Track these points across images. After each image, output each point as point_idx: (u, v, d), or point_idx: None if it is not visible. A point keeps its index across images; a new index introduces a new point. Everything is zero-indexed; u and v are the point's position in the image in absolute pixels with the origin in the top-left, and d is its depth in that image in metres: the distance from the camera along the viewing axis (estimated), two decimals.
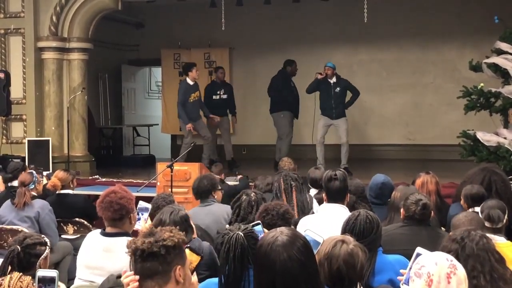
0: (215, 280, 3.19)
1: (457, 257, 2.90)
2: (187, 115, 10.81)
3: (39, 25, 11.46)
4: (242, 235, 3.01)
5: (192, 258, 2.87)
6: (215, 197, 5.76)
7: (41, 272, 2.57)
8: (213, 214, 5.46)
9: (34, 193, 6.57)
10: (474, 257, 2.96)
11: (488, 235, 3.18)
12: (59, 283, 2.59)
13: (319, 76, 10.53)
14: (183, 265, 2.54)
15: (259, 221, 3.82)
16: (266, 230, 3.76)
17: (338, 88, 10.58)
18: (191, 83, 10.97)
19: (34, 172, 6.95)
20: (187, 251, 2.65)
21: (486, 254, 2.97)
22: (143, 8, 14.11)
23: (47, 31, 11.47)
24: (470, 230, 3.07)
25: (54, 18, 11.45)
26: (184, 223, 3.94)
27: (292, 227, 4.44)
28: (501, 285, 2.90)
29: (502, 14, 9.79)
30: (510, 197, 5.95)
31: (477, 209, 5.11)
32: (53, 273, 2.61)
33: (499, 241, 4.09)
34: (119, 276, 2.82)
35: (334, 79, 10.59)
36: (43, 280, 2.57)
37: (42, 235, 4.03)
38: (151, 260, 2.47)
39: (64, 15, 11.55)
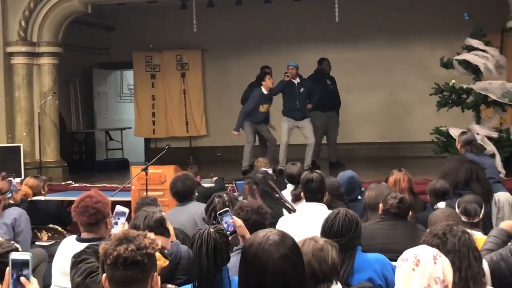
0: (189, 286, 3.17)
1: None
2: (252, 119, 10.50)
3: (7, 30, 11.31)
4: (213, 230, 3.02)
5: (160, 262, 2.83)
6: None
7: (14, 255, 2.47)
8: (189, 213, 5.43)
9: (11, 201, 6.48)
10: (454, 252, 2.96)
11: (467, 230, 3.20)
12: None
13: (286, 78, 10.46)
14: (156, 271, 2.51)
15: (227, 208, 3.80)
16: (235, 218, 3.74)
17: (302, 89, 10.52)
18: (265, 92, 10.55)
19: (13, 180, 6.85)
20: (156, 254, 2.61)
21: (467, 250, 2.97)
22: (113, 11, 14.00)
23: (16, 36, 11.31)
24: (451, 225, 3.07)
25: (23, 22, 11.30)
26: (159, 227, 3.88)
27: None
28: (471, 284, 2.90)
29: (472, 11, 9.88)
30: (489, 184, 6.05)
31: (440, 204, 5.17)
32: (26, 256, 2.52)
33: (476, 236, 4.10)
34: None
35: (298, 80, 10.54)
36: (16, 265, 2.48)
37: (12, 242, 3.94)
38: (133, 268, 2.41)
39: (33, 20, 11.40)
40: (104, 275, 2.46)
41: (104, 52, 14.91)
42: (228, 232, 3.69)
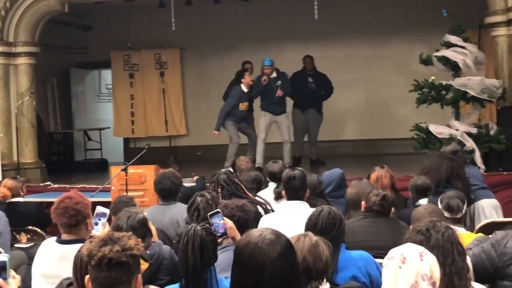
0: (176, 286, 3.12)
1: None
2: (233, 117, 10.48)
3: None
4: (200, 227, 2.98)
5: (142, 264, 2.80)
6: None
7: None
8: (172, 214, 5.36)
9: None
10: (438, 248, 2.96)
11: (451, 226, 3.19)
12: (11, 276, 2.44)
13: (264, 82, 10.40)
14: (139, 272, 2.48)
15: (218, 210, 3.76)
16: (226, 219, 3.71)
17: (279, 82, 10.50)
18: (245, 90, 10.52)
19: None
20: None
21: (451, 246, 2.97)
22: (90, 10, 13.86)
23: None
24: (435, 221, 3.06)
25: None
26: (142, 228, 3.84)
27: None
28: (455, 280, 2.89)
29: (450, 7, 9.92)
30: (468, 182, 6.08)
31: (422, 201, 5.18)
32: (3, 257, 2.46)
33: (459, 232, 4.10)
34: (69, 284, 2.73)
35: (274, 74, 10.51)
36: None
37: None
38: (117, 270, 2.39)
39: (9, 19, 11.25)
40: (87, 276, 2.42)
41: (82, 52, 14.78)
42: (218, 234, 3.65)
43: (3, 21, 11.18)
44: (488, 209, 6.27)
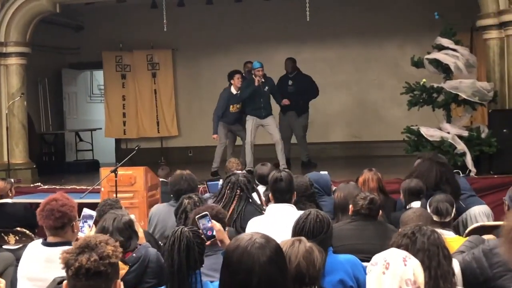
0: None
1: (408, 252, 2.90)
2: (225, 119, 10.48)
3: None
4: (187, 229, 2.96)
5: (120, 267, 2.76)
6: None
7: None
8: None
9: None
10: (424, 251, 2.95)
11: (437, 230, 3.18)
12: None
13: (257, 83, 10.28)
14: (118, 278, 2.44)
15: (206, 212, 3.73)
16: (214, 222, 3.68)
17: (266, 87, 10.41)
18: (234, 92, 10.49)
19: None
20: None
21: (436, 249, 2.96)
22: (82, 10, 13.81)
23: None
24: (420, 225, 3.05)
25: None
26: (128, 229, 3.81)
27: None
28: (441, 283, 2.88)
29: (443, 10, 9.93)
30: (457, 185, 6.07)
31: (414, 204, 5.16)
32: None
33: (447, 236, 4.10)
34: (61, 282, 2.70)
35: (261, 79, 10.39)
36: None
37: None
38: (95, 279, 2.33)
39: (0, 19, 11.20)
40: (65, 282, 2.38)
41: (74, 52, 14.72)
42: (206, 237, 3.62)
43: None
44: (480, 216, 6.25)
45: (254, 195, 5.83)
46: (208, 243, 3.60)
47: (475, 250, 3.65)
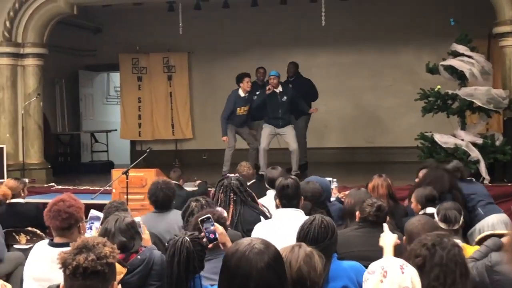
0: None
1: (424, 264, 2.85)
2: (232, 122, 10.41)
3: None
4: (188, 239, 2.94)
5: (119, 270, 2.77)
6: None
7: None
8: (168, 221, 5.34)
9: None
10: (441, 266, 2.86)
11: (459, 244, 3.09)
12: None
13: (268, 91, 10.20)
14: (115, 279, 2.44)
15: (209, 215, 3.73)
16: (217, 225, 3.68)
17: (285, 97, 10.27)
18: (242, 94, 10.39)
19: None
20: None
21: (454, 266, 2.86)
22: (100, 12, 13.92)
23: (0, 36, 11.20)
24: (442, 236, 2.97)
25: (7, 23, 11.19)
26: (130, 230, 3.81)
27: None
28: None
29: (460, 16, 9.88)
30: (461, 190, 6.04)
31: (429, 210, 5.13)
32: None
33: None
34: (58, 286, 2.71)
35: (280, 88, 10.28)
36: None
37: None
38: (92, 279, 2.35)
39: (18, 20, 11.29)
40: (62, 284, 2.39)
41: (91, 54, 14.83)
42: (209, 240, 3.62)
43: (11, 22, 11.22)
44: (499, 225, 6.18)
45: (265, 199, 5.86)
46: (210, 246, 3.60)
47: (479, 263, 3.60)
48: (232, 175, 5.52)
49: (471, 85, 9.01)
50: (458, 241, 4.30)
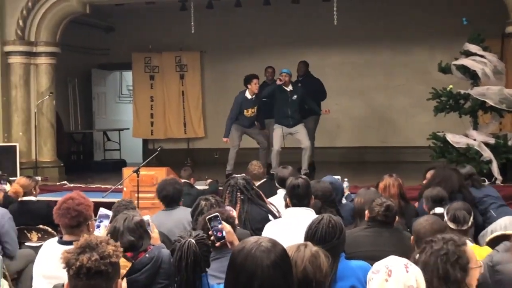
0: None
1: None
2: (240, 122, 10.38)
3: (5, 29, 11.27)
4: (194, 242, 2.93)
5: (123, 264, 2.77)
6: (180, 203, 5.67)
7: None
8: (177, 217, 5.36)
9: None
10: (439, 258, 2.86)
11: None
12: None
13: (278, 82, 10.15)
14: (119, 277, 2.44)
15: (216, 213, 3.74)
16: (225, 224, 3.69)
17: (295, 96, 10.20)
18: (249, 96, 10.31)
19: None
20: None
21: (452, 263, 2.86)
22: (112, 11, 13.96)
23: (13, 35, 11.27)
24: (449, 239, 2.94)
25: (20, 22, 11.26)
26: (139, 229, 3.82)
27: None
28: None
29: (474, 16, 9.82)
30: (469, 190, 6.01)
31: (438, 210, 5.10)
32: None
33: None
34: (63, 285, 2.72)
35: (290, 87, 10.22)
36: None
37: None
38: (96, 278, 2.34)
39: (31, 19, 11.37)
40: (66, 283, 2.39)
41: (104, 53, 14.89)
42: (216, 238, 3.63)
43: (24, 21, 11.29)
44: (511, 226, 6.13)
45: (275, 198, 5.86)
46: (217, 244, 3.60)
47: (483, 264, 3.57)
48: (239, 175, 5.53)
49: (483, 84, 8.96)
50: (467, 241, 4.30)
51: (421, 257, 2.91)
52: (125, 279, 2.68)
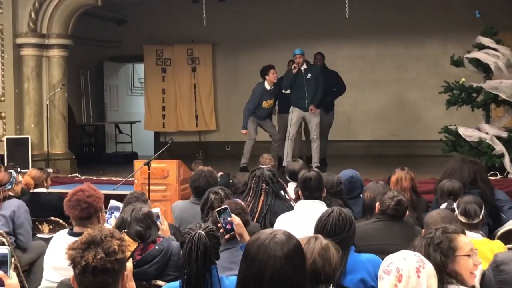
0: (176, 283, 3.11)
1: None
2: (256, 114, 10.36)
3: (17, 22, 11.28)
4: (204, 234, 2.94)
5: (129, 244, 2.75)
6: None
7: None
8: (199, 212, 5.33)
9: (11, 193, 6.45)
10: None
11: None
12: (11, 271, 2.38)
13: (294, 70, 10.01)
14: (126, 269, 2.43)
15: (226, 206, 3.74)
16: (234, 216, 3.69)
17: (309, 75, 10.03)
18: (268, 87, 10.33)
19: (13, 172, 6.81)
20: (125, 237, 2.51)
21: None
22: (124, 4, 13.98)
23: (25, 27, 11.30)
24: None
25: (33, 14, 11.28)
26: (146, 220, 3.84)
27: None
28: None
29: (488, 9, 9.75)
30: (491, 185, 5.95)
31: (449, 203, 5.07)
32: (4, 250, 2.31)
33: (474, 238, 4.02)
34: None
35: (304, 66, 10.06)
36: None
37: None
38: (103, 275, 2.32)
39: (43, 11, 11.39)
40: (73, 275, 2.38)
41: (115, 45, 14.91)
42: (226, 230, 3.63)
43: (37, 13, 11.31)
44: None
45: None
46: (227, 236, 3.61)
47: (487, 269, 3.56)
48: (265, 166, 5.52)
49: (496, 78, 8.89)
50: (478, 235, 4.28)
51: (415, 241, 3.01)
52: (130, 260, 2.66)
